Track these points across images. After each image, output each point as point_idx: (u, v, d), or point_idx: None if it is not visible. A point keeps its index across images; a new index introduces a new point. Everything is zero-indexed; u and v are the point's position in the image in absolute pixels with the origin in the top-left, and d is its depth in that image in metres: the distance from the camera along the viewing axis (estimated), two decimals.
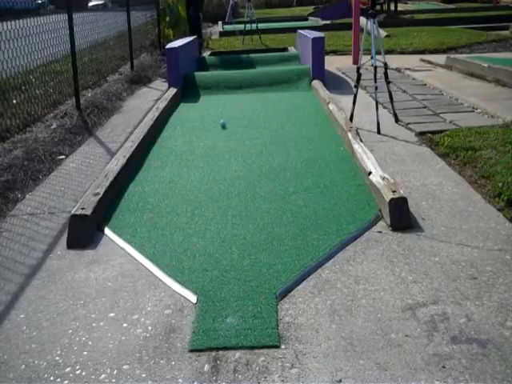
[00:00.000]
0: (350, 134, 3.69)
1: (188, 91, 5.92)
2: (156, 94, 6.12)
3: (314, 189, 3.03)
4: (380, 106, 4.47)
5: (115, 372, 1.65)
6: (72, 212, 2.61)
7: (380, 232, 2.51)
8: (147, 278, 2.18)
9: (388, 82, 4.27)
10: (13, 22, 4.40)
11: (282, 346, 1.74)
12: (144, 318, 1.92)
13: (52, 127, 4.68)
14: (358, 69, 4.32)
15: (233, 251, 2.37)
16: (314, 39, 6.11)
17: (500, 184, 2.85)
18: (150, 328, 1.86)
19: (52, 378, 1.64)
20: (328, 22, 13.71)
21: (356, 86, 4.35)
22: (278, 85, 6.04)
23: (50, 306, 2.02)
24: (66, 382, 1.62)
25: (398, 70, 6.86)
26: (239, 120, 4.74)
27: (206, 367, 1.65)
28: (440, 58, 7.27)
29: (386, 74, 4.24)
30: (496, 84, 5.64)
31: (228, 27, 13.78)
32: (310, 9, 19.22)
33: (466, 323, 1.81)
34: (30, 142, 4.21)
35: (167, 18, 9.07)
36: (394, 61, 6.95)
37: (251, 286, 2.07)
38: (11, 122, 4.54)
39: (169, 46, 6.31)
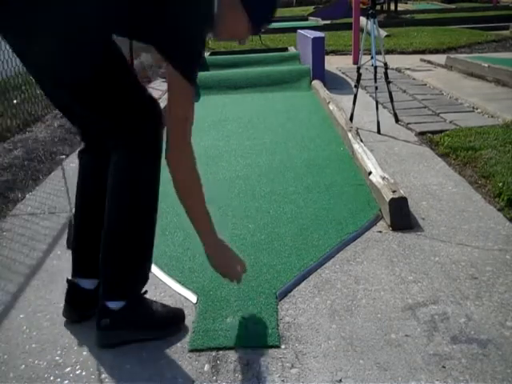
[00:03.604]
0: (350, 134, 3.69)
1: None
2: (156, 93, 6.12)
3: (314, 189, 3.03)
4: (380, 106, 4.47)
5: (116, 372, 1.65)
6: (72, 211, 2.60)
7: (380, 232, 2.51)
8: None
9: (388, 82, 4.27)
10: None
11: (282, 346, 1.74)
12: None
13: (52, 127, 4.68)
14: (358, 69, 4.32)
15: None
16: (314, 39, 6.11)
17: (500, 184, 2.85)
18: None
19: (52, 378, 1.64)
20: (328, 21, 13.71)
21: (356, 86, 4.35)
22: (278, 85, 6.04)
23: (50, 306, 2.02)
24: (66, 381, 1.62)
25: (398, 69, 6.86)
26: (239, 120, 4.74)
27: (206, 367, 1.65)
28: (440, 58, 7.27)
29: (386, 73, 4.24)
30: (496, 84, 5.64)
31: None
32: (310, 9, 19.22)
33: (466, 323, 1.81)
34: (30, 142, 4.22)
35: None
36: (394, 61, 6.96)
37: (251, 286, 2.07)
38: (12, 122, 4.55)
39: None
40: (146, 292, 1.79)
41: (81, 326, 1.88)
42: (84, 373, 1.65)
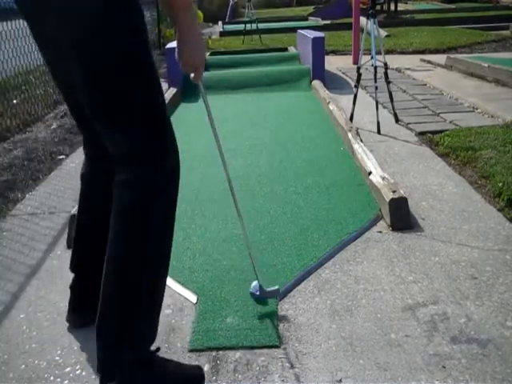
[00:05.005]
0: (350, 134, 3.69)
1: (188, 91, 5.92)
2: None
3: (314, 189, 3.03)
4: (380, 106, 4.47)
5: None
6: (72, 212, 2.61)
7: (380, 232, 2.51)
8: None
9: (388, 82, 4.27)
10: (13, 22, 4.40)
11: (282, 346, 1.74)
12: None
13: (52, 127, 4.69)
14: (358, 69, 4.32)
15: (233, 251, 2.37)
16: (314, 39, 6.11)
17: (500, 184, 2.85)
18: None
19: (52, 378, 1.64)
20: (328, 21, 13.71)
21: (356, 86, 4.35)
22: (278, 85, 6.03)
23: (50, 306, 2.02)
24: (66, 381, 1.62)
25: (398, 69, 6.86)
26: (239, 120, 4.74)
27: (206, 367, 1.65)
28: (440, 58, 7.26)
29: (386, 73, 4.24)
30: (496, 84, 5.64)
31: (228, 27, 13.79)
32: (310, 9, 19.20)
33: (466, 323, 1.81)
34: (30, 142, 4.22)
35: (168, 18, 9.08)
36: (394, 61, 6.95)
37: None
38: (11, 122, 4.55)
39: (169, 45, 6.30)
40: (158, 349, 1.56)
41: (81, 326, 1.88)
42: (84, 373, 1.66)
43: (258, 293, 1.95)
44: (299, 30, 7.79)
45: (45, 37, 1.49)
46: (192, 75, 1.57)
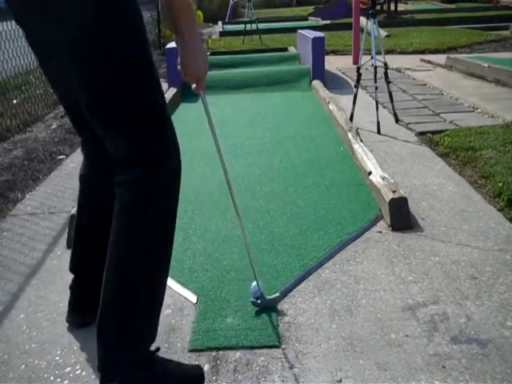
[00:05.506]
0: (350, 134, 3.69)
1: (188, 91, 5.90)
2: None
3: (314, 189, 3.03)
4: (380, 106, 4.47)
5: None
6: (72, 212, 2.61)
7: (380, 232, 2.51)
8: None
9: (388, 82, 4.27)
10: (13, 22, 4.40)
11: (282, 346, 1.74)
12: None
13: (52, 127, 4.69)
14: (358, 69, 4.32)
15: (233, 251, 2.37)
16: (314, 39, 6.11)
17: (500, 184, 2.85)
18: None
19: (52, 378, 1.64)
20: (328, 21, 13.71)
21: (356, 86, 4.35)
22: (278, 85, 6.04)
23: (50, 306, 2.02)
24: (66, 381, 1.63)
25: (398, 70, 6.86)
26: (239, 120, 4.74)
27: (206, 367, 1.65)
28: (440, 58, 7.27)
29: (386, 73, 4.24)
30: (496, 84, 5.64)
31: (228, 27, 13.79)
32: (310, 9, 19.20)
33: (466, 323, 1.81)
34: (30, 142, 4.22)
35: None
36: (394, 61, 6.96)
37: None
38: (11, 122, 4.55)
39: (169, 45, 6.31)
40: (158, 349, 1.57)
41: (81, 326, 1.88)
42: (84, 373, 1.66)
43: (259, 301, 1.94)
44: (299, 30, 7.79)
45: (40, 37, 1.47)
46: (194, 86, 1.56)
